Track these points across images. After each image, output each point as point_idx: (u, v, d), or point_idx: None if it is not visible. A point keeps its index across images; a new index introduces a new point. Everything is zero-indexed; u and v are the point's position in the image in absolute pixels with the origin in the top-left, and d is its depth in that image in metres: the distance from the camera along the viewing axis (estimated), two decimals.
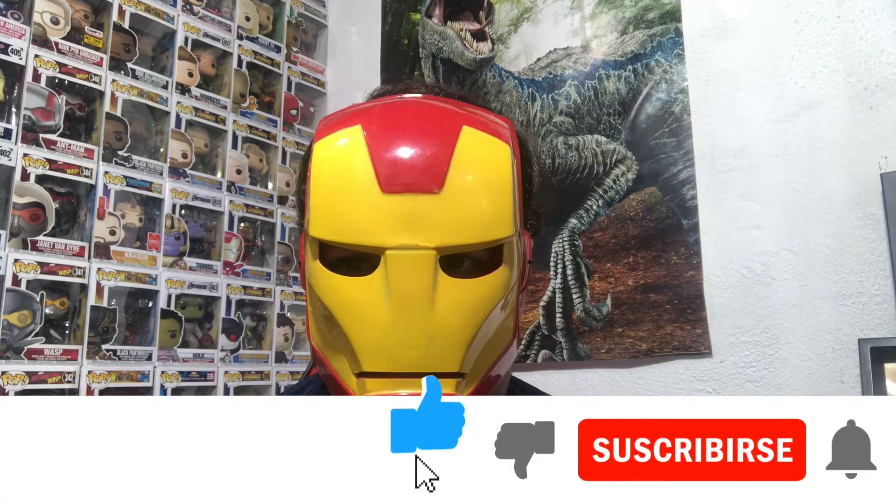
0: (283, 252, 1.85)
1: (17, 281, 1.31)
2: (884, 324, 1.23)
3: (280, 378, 1.76)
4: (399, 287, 0.51)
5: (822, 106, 1.33)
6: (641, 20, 1.55)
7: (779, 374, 1.31)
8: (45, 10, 1.42)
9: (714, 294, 1.40)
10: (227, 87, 1.76)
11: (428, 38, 1.83)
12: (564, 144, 1.60)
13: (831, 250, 1.29)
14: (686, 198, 1.45)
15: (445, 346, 0.51)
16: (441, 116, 0.56)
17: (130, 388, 1.46)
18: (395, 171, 0.52)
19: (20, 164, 1.34)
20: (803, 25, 1.37)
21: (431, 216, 0.51)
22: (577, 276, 1.54)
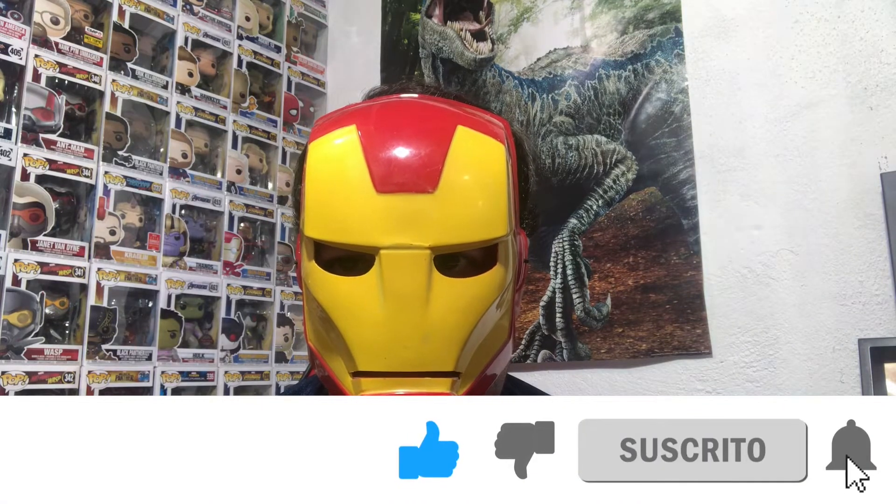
0: (283, 252, 1.85)
1: (17, 281, 1.31)
2: (884, 324, 1.23)
3: (280, 378, 1.76)
4: (394, 286, 0.51)
5: (822, 106, 1.33)
6: (641, 20, 1.55)
7: (779, 374, 1.31)
8: (45, 10, 1.42)
9: (714, 294, 1.40)
10: (227, 87, 1.76)
11: (428, 38, 1.83)
12: (564, 144, 1.60)
13: (831, 250, 1.29)
14: (686, 198, 1.45)
15: (440, 345, 0.51)
16: (436, 116, 0.57)
17: (130, 388, 1.46)
18: (390, 171, 0.52)
19: (20, 164, 1.34)
20: (803, 25, 1.37)
21: (426, 216, 0.51)
22: (577, 276, 1.54)
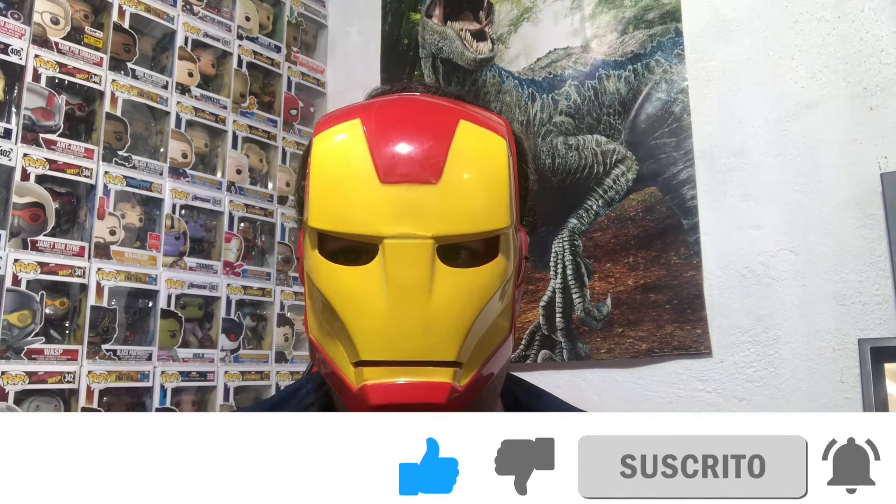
0: (283, 252, 1.85)
1: (17, 281, 1.31)
2: (884, 324, 1.23)
3: (280, 378, 1.76)
4: (397, 276, 0.51)
5: (822, 106, 1.33)
6: (641, 20, 1.55)
7: (779, 374, 1.31)
8: (45, 10, 1.42)
9: (714, 294, 1.40)
10: (227, 87, 1.76)
11: (428, 38, 1.83)
12: (564, 144, 1.60)
13: (831, 250, 1.29)
14: (686, 198, 1.45)
15: (442, 334, 0.51)
16: (438, 111, 0.57)
17: (130, 388, 1.46)
18: (394, 163, 0.52)
19: (20, 164, 1.34)
20: (803, 25, 1.37)
21: (429, 206, 0.52)
22: (577, 276, 1.54)
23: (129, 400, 1.47)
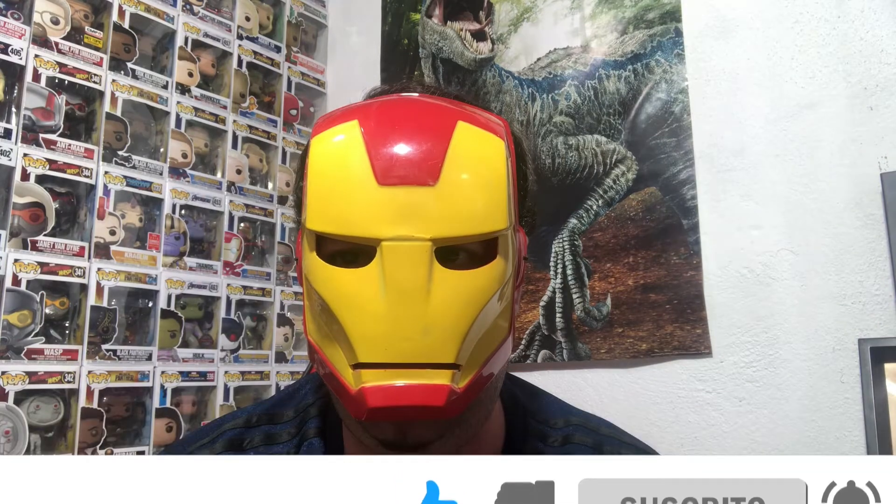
0: (283, 252, 1.85)
1: (17, 281, 1.31)
2: (884, 324, 1.23)
3: (280, 378, 1.76)
4: (395, 278, 0.51)
5: (822, 106, 1.33)
6: (641, 20, 1.55)
7: (779, 374, 1.31)
8: (45, 10, 1.42)
9: (714, 294, 1.40)
10: (227, 87, 1.76)
11: (428, 38, 1.83)
12: (564, 144, 1.60)
13: (831, 250, 1.29)
14: (686, 198, 1.45)
15: (441, 336, 0.51)
16: (437, 112, 0.57)
17: (130, 388, 1.46)
18: (391, 164, 0.52)
19: (20, 164, 1.34)
20: (803, 25, 1.37)
21: (427, 208, 0.52)
22: (577, 276, 1.54)
23: (129, 400, 1.47)
